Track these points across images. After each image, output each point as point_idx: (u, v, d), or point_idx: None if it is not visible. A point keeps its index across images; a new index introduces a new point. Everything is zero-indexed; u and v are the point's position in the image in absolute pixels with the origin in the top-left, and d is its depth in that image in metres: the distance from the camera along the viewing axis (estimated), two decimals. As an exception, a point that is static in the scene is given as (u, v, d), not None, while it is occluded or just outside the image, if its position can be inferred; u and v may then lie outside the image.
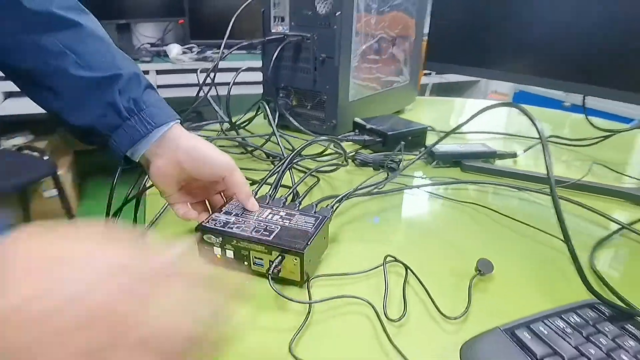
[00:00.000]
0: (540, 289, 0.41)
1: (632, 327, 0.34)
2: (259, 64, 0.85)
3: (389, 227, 0.52)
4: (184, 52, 1.79)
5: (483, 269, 0.42)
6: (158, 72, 1.75)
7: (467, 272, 0.43)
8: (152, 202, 0.55)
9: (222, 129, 0.80)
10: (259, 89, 0.87)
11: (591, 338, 0.32)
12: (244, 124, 0.79)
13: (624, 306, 0.36)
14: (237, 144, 0.73)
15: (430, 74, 2.34)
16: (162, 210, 0.52)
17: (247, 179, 0.58)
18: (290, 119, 0.79)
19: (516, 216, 0.54)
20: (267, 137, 0.73)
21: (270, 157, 0.70)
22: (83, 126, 0.42)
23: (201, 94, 0.77)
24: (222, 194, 0.50)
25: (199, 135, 0.75)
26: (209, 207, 0.50)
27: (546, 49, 0.62)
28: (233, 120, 0.78)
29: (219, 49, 1.91)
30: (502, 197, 0.61)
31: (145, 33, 2.11)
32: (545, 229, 0.51)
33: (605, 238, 0.49)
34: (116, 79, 0.42)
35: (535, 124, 0.37)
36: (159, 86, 1.73)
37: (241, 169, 0.63)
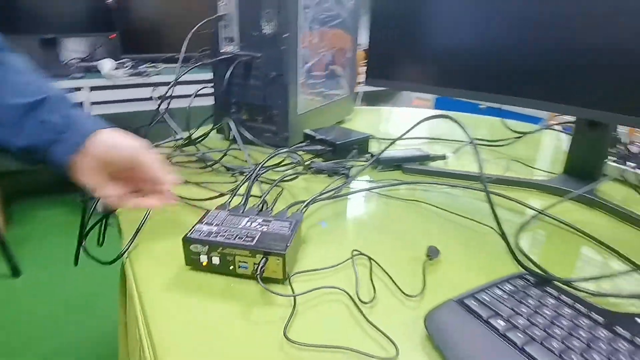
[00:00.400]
0: (479, 267, 0.50)
1: (551, 289, 0.43)
2: (198, 77, 0.88)
3: (350, 226, 0.58)
4: (117, 68, 1.75)
5: (432, 254, 0.50)
6: (92, 88, 1.70)
7: (419, 258, 0.51)
8: (126, 218, 0.58)
9: (176, 144, 0.83)
10: (202, 102, 0.90)
11: (522, 300, 0.41)
12: (200, 139, 0.82)
13: (544, 274, 0.45)
14: (196, 159, 0.76)
15: (360, 84, 2.47)
16: (142, 221, 0.55)
17: (215, 191, 0.63)
18: (247, 133, 0.84)
19: (452, 209, 0.63)
20: (224, 151, 0.78)
21: (230, 170, 0.74)
22: (25, 147, 0.47)
23: (144, 110, 0.80)
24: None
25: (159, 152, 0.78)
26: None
27: (468, 66, 0.73)
28: (186, 135, 0.81)
29: (153, 63, 1.90)
30: (439, 194, 0.70)
31: (74, 48, 2.04)
32: (477, 219, 0.61)
33: (525, 223, 0.60)
34: (47, 100, 0.48)
35: (467, 133, 0.46)
36: (93, 103, 1.68)
37: (204, 182, 0.68)
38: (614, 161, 0.76)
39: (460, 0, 0.72)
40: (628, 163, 0.75)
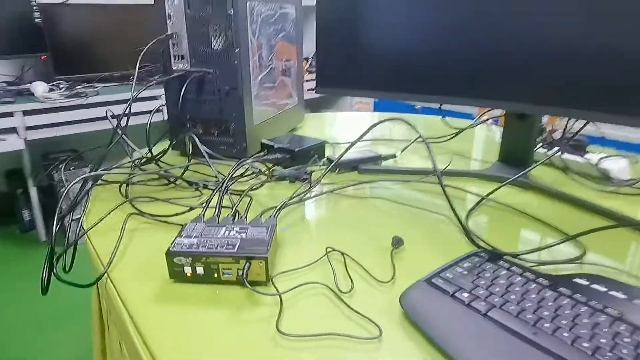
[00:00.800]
0: (439, 250, 0.55)
1: (503, 262, 0.49)
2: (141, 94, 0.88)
3: (320, 226, 0.62)
4: (51, 90, 1.68)
5: (397, 244, 0.56)
6: (25, 112, 1.62)
7: (386, 248, 0.56)
8: (98, 241, 0.58)
9: (134, 163, 0.83)
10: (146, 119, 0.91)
11: (480, 274, 0.47)
12: (159, 156, 0.83)
13: (495, 250, 0.52)
14: (158, 176, 0.77)
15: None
16: (118, 242, 0.55)
17: (184, 206, 0.65)
18: (205, 147, 0.85)
19: (408, 202, 0.69)
20: (185, 166, 0.79)
21: (194, 185, 0.76)
22: None
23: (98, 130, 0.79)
24: None
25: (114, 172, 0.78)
26: None
27: (411, 72, 0.80)
28: (143, 154, 0.82)
29: (89, 83, 1.84)
30: (395, 190, 0.76)
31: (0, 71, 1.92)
32: (430, 209, 0.67)
33: (472, 208, 0.67)
34: None
35: (419, 133, 0.52)
36: (28, 128, 1.60)
37: (171, 199, 0.69)
38: (542, 147, 0.86)
39: (396, 11, 0.78)
40: (553, 149, 0.85)
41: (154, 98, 1.75)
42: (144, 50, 0.78)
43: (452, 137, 1.04)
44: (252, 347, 0.40)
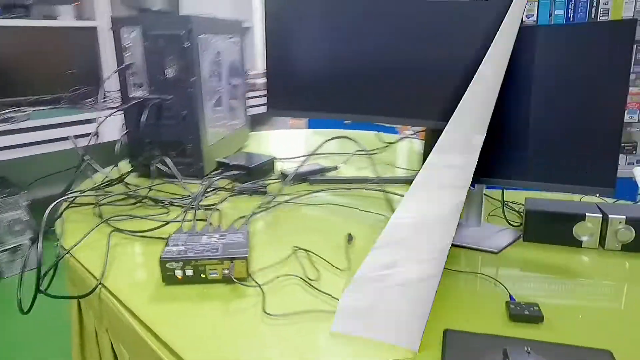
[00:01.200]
0: (383, 243, 0.68)
1: (431, 247, 0.63)
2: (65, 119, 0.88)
3: (284, 230, 0.73)
4: (-23, 115, 1.62)
5: (350, 240, 0.68)
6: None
7: (341, 244, 0.68)
8: (87, 257, 0.64)
9: (101, 185, 0.88)
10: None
11: (416, 257, 0.60)
12: (124, 177, 0.89)
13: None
14: (125, 196, 0.83)
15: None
16: (106, 257, 0.62)
17: (160, 221, 0.72)
18: (165, 167, 0.92)
19: (353, 206, 0.82)
20: (151, 187, 0.86)
21: (160, 203, 0.83)
22: None
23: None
24: None
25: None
26: None
27: (344, 95, 0.93)
28: (97, 180, 0.87)
29: (19, 107, 1.79)
30: (341, 196, 0.88)
31: None
32: (372, 210, 0.80)
33: (406, 208, 0.81)
34: None
35: (364, 149, 0.64)
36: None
37: (146, 216, 0.76)
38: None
39: (328, 45, 0.92)
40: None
41: (88, 121, 1.74)
42: (107, 78, 0.84)
43: (383, 150, 1.20)
44: (245, 327, 0.50)
